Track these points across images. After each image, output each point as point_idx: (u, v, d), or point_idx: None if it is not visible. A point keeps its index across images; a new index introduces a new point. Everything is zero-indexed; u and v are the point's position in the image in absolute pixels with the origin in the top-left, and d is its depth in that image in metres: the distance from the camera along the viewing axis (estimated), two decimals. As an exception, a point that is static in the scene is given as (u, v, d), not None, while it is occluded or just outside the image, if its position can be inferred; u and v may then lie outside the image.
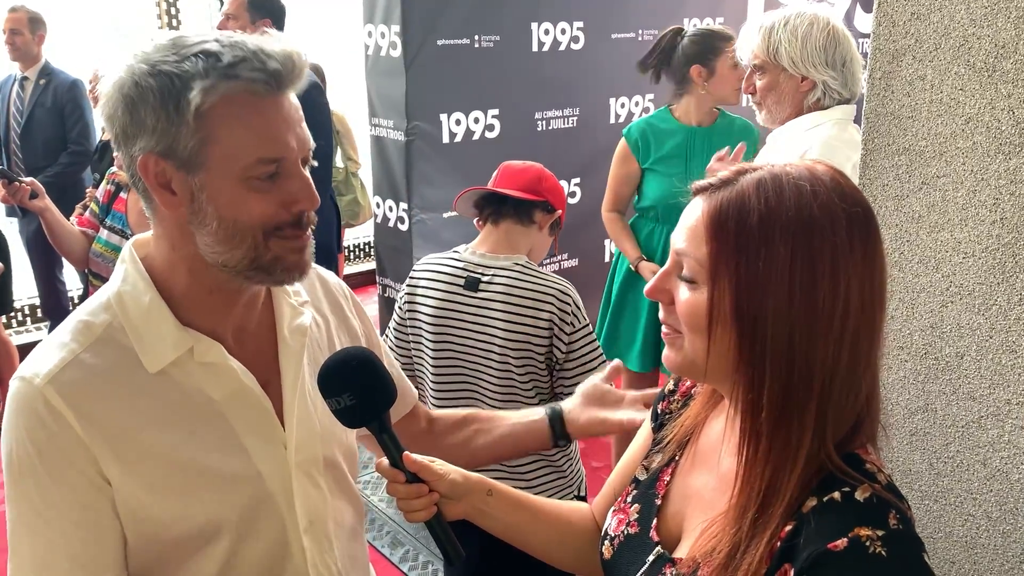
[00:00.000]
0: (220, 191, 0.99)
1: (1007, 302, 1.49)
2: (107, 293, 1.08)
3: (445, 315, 2.04)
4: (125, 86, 0.97)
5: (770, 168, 0.91)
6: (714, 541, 0.90)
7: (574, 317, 1.96)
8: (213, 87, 0.94)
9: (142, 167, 0.99)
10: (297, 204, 1.02)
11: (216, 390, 1.07)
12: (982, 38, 1.46)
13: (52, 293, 4.89)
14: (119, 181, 2.66)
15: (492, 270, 2.01)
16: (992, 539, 1.58)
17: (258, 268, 1.03)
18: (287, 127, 1.00)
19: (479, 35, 4.03)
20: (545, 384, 2.01)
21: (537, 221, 2.07)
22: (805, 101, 2.20)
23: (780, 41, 2.16)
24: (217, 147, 0.97)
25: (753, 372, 0.88)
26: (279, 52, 0.98)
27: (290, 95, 1.01)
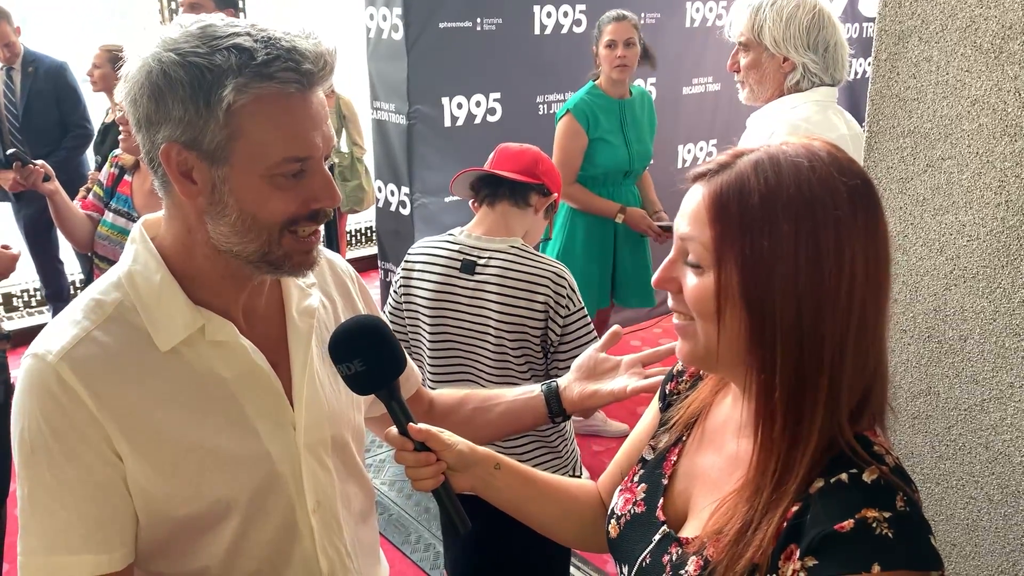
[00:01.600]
0: (243, 186, 0.98)
1: (1011, 285, 1.49)
2: (118, 272, 1.08)
3: (442, 298, 2.04)
4: (153, 73, 0.95)
5: (766, 148, 0.91)
6: (725, 519, 0.91)
7: (569, 300, 1.96)
8: (246, 86, 0.93)
9: (164, 155, 0.98)
10: (317, 202, 1.02)
11: (227, 369, 1.07)
12: (989, 19, 1.45)
13: (53, 276, 4.90)
14: (123, 164, 2.66)
15: (488, 253, 2.01)
16: (993, 521, 1.59)
17: (267, 262, 1.03)
18: (314, 125, 0.99)
19: (481, 18, 4.01)
20: (540, 366, 2.02)
21: (533, 204, 2.08)
22: (785, 82, 2.21)
23: (765, 20, 2.17)
24: (244, 143, 0.96)
25: (764, 352, 0.88)
26: (312, 51, 0.97)
27: (318, 92, 1.01)
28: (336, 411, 1.19)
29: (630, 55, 3.38)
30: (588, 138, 3.38)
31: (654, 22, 4.64)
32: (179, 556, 1.09)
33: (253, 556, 1.12)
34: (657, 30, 4.65)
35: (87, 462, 0.99)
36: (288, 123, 0.97)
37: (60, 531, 0.99)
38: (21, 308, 5.53)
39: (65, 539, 0.99)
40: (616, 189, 3.49)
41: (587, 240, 3.48)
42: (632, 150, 3.45)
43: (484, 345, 2.02)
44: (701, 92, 5.06)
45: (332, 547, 1.18)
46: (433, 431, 1.10)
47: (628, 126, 3.48)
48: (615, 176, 3.47)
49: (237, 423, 1.08)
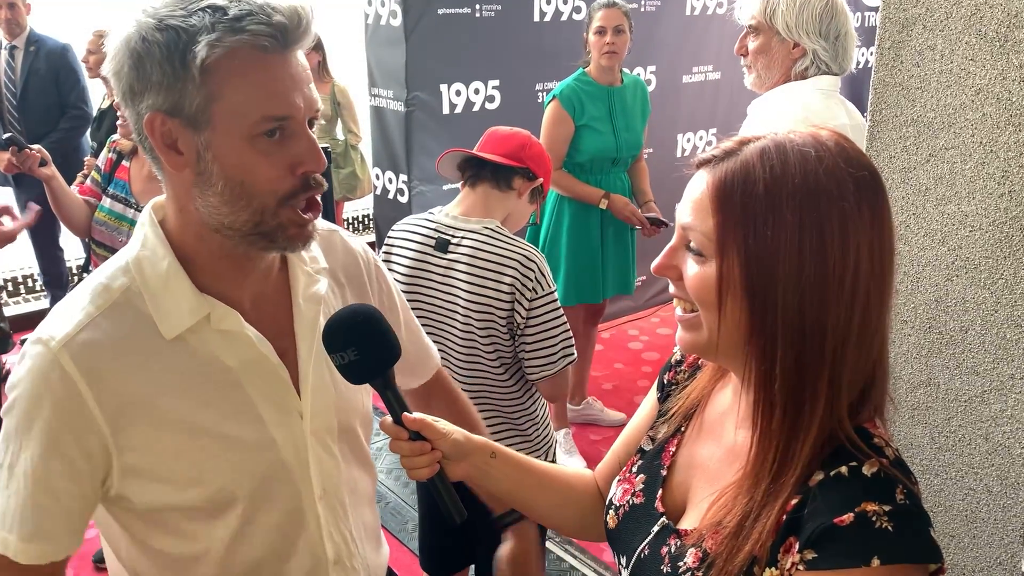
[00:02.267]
0: (226, 151, 0.97)
1: (1013, 276, 1.48)
2: (126, 257, 1.07)
3: (416, 275, 2.06)
4: (132, 40, 0.95)
5: (773, 136, 0.90)
6: (722, 512, 0.90)
7: (537, 283, 1.95)
8: (219, 40, 0.92)
9: (148, 125, 0.97)
10: (303, 166, 1.00)
11: (232, 358, 1.06)
12: (995, 7, 1.44)
13: (53, 262, 4.89)
14: (120, 149, 2.64)
15: (462, 232, 2.02)
16: (992, 513, 1.59)
17: (260, 233, 1.01)
18: (294, 85, 0.98)
19: (480, 4, 3.98)
20: (508, 349, 2.02)
21: (516, 187, 2.07)
22: (794, 68, 2.20)
23: (779, 4, 2.15)
24: (223, 104, 0.95)
25: (765, 343, 0.87)
26: (286, 7, 0.95)
27: (297, 53, 1.00)
28: (343, 397, 1.18)
29: (619, 42, 3.34)
30: (575, 125, 3.36)
31: (654, 10, 4.61)
32: (182, 539, 1.09)
33: (257, 542, 1.11)
34: (657, 18, 4.63)
35: (69, 456, 0.99)
36: (265, 81, 0.96)
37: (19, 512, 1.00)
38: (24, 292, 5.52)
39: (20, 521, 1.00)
40: (603, 177, 3.47)
41: (572, 229, 3.47)
42: (620, 138, 3.43)
43: (453, 324, 2.04)
44: (701, 81, 5.03)
45: (338, 533, 1.18)
46: (428, 420, 1.09)
47: (616, 114, 3.44)
48: (602, 163, 3.45)
49: (242, 410, 1.07)
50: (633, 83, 3.55)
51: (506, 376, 2.06)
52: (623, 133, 3.44)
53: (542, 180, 2.11)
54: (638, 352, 4.70)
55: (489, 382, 2.07)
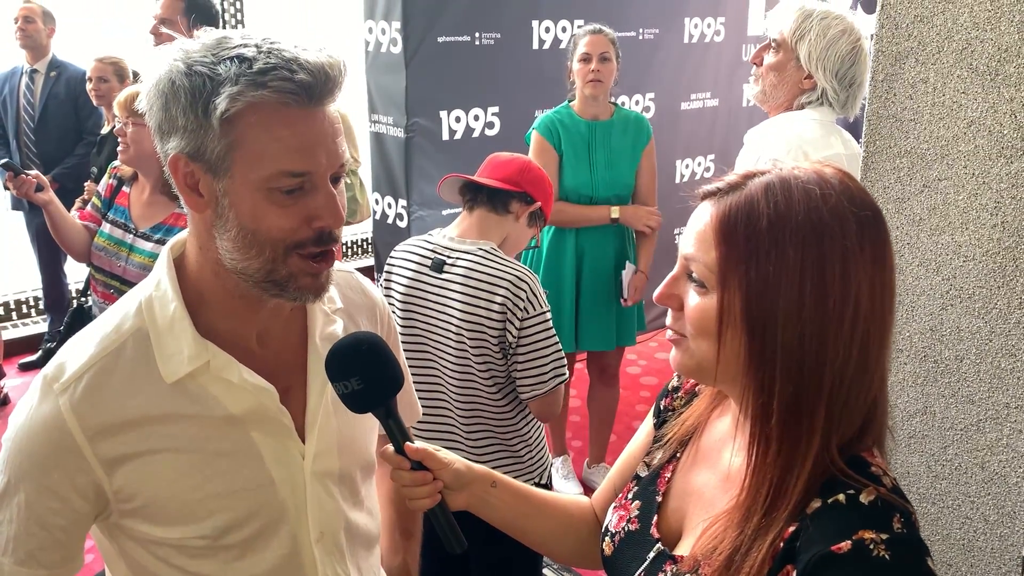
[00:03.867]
0: (242, 199, 0.96)
1: (1007, 306, 1.49)
2: (140, 297, 1.08)
3: (412, 295, 2.10)
4: (162, 82, 0.96)
5: (778, 172, 0.91)
6: (716, 540, 0.90)
7: (528, 303, 1.97)
8: (240, 94, 0.92)
9: (172, 166, 0.98)
10: (319, 220, 0.98)
11: (234, 405, 1.06)
12: (985, 41, 1.46)
13: (55, 286, 4.91)
14: (121, 175, 2.65)
15: (457, 253, 2.06)
16: (990, 542, 1.59)
17: (272, 282, 1.01)
18: (316, 141, 0.97)
19: (479, 32, 4.02)
20: (501, 369, 2.04)
21: (513, 211, 2.09)
22: (798, 98, 2.19)
23: (808, 31, 2.13)
24: (242, 154, 0.94)
25: (764, 376, 0.88)
26: (314, 63, 0.94)
27: (325, 108, 0.97)
28: (348, 439, 1.18)
29: (604, 70, 3.15)
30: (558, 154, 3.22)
31: (652, 38, 4.66)
32: (178, 572, 1.08)
33: None
34: (656, 46, 4.67)
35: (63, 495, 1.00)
36: (286, 136, 0.95)
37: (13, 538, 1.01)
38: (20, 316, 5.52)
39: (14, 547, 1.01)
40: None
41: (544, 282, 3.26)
42: (596, 175, 3.23)
43: (447, 344, 2.06)
44: (699, 108, 5.08)
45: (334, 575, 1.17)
46: (429, 450, 1.09)
47: (596, 149, 3.22)
48: (579, 201, 3.24)
49: (241, 449, 1.07)
50: (625, 120, 3.30)
51: (499, 396, 2.07)
52: (601, 170, 3.23)
53: (540, 204, 2.13)
54: (636, 376, 4.70)
55: (482, 402, 2.08)
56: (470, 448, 2.12)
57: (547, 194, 2.15)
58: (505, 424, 2.11)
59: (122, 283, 2.51)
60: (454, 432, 2.13)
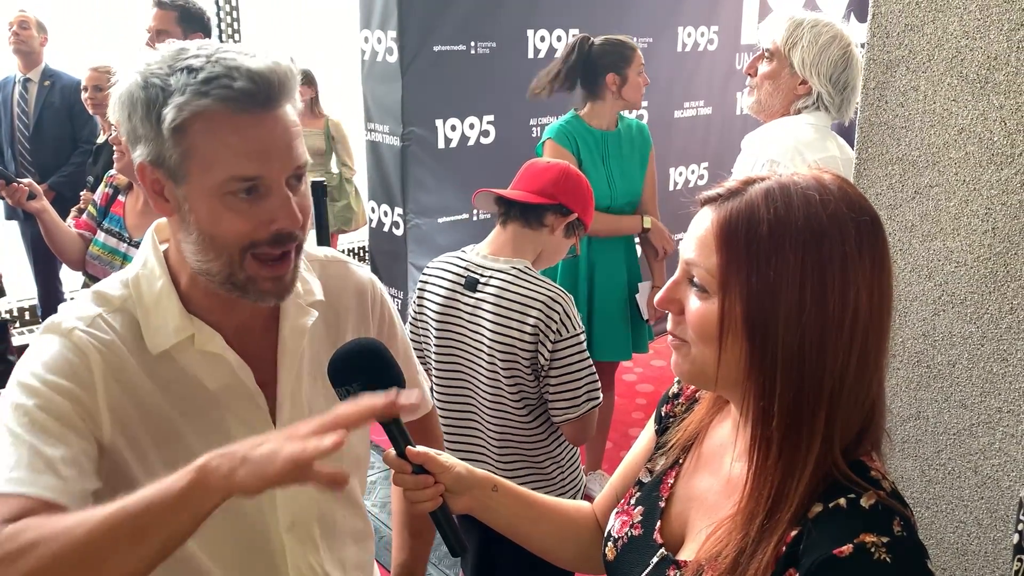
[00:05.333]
0: (200, 204, 0.99)
1: (999, 311, 1.51)
2: (127, 274, 1.11)
3: (447, 312, 2.05)
4: (123, 95, 0.99)
5: (777, 178, 0.92)
6: (720, 545, 0.91)
7: (561, 325, 1.93)
8: (185, 104, 0.95)
9: (140, 173, 1.02)
10: (275, 223, 1.00)
11: (212, 380, 1.09)
12: (975, 50, 1.48)
13: (51, 295, 4.91)
14: (117, 184, 2.66)
15: (490, 272, 2.01)
16: (983, 546, 1.60)
17: (232, 284, 1.04)
18: (267, 145, 0.98)
19: (475, 41, 4.04)
20: (532, 390, 2.00)
21: (548, 224, 2.03)
22: (794, 104, 2.23)
23: (801, 38, 2.18)
24: (196, 161, 0.97)
25: (764, 380, 0.89)
26: (255, 70, 0.96)
27: (277, 111, 0.99)
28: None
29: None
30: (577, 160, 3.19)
31: (646, 46, 4.68)
32: None
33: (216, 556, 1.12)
34: (650, 54, 4.69)
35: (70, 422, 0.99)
36: (236, 142, 0.97)
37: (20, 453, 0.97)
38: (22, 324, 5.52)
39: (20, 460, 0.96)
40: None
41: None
42: (614, 186, 3.25)
43: (479, 363, 2.02)
44: (693, 116, 5.10)
45: (307, 566, 1.19)
46: (431, 453, 1.10)
47: (610, 159, 3.26)
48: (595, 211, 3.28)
49: (215, 430, 1.09)
50: (629, 128, 3.35)
51: (530, 418, 2.04)
52: (617, 180, 3.27)
53: (577, 214, 2.05)
54: (632, 384, 4.71)
55: (512, 423, 2.04)
56: (499, 467, 2.08)
57: (585, 201, 2.08)
58: (535, 445, 2.07)
59: (118, 291, 2.51)
60: (485, 451, 2.10)
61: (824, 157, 2.09)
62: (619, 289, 3.35)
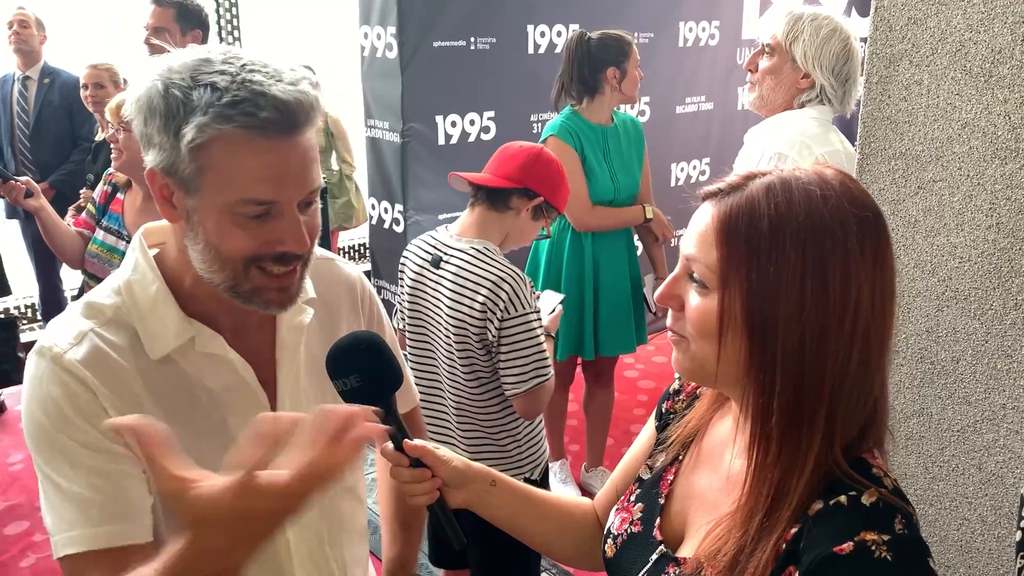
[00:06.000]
0: (208, 217, 0.99)
1: (1003, 307, 1.50)
2: (117, 281, 1.10)
3: (416, 288, 2.17)
4: (142, 98, 0.98)
5: (779, 173, 0.91)
6: (720, 542, 0.91)
7: (509, 303, 1.99)
8: (207, 126, 0.94)
9: (149, 178, 1.02)
10: (282, 245, 1.01)
11: (214, 381, 1.09)
12: (979, 43, 1.47)
13: (52, 293, 4.91)
14: (116, 182, 2.65)
15: (453, 251, 2.09)
16: (987, 543, 1.59)
17: (237, 294, 1.05)
18: (285, 172, 0.99)
19: (475, 37, 4.02)
20: (485, 366, 2.07)
21: (514, 207, 2.09)
22: (797, 98, 2.23)
23: (802, 32, 2.19)
24: (211, 178, 0.97)
25: (764, 377, 0.88)
26: (281, 99, 0.96)
27: (298, 138, 0.99)
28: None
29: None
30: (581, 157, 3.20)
31: (647, 42, 4.67)
32: None
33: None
34: (651, 50, 4.68)
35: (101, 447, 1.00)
36: (254, 167, 0.97)
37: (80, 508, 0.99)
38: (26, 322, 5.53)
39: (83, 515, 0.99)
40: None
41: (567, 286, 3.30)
42: (617, 180, 3.26)
43: (440, 337, 2.12)
44: (694, 111, 5.08)
45: (312, 563, 1.19)
46: (429, 447, 1.09)
47: (611, 154, 3.26)
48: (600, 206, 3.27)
49: (218, 434, 1.09)
50: (623, 123, 3.36)
51: (482, 391, 2.11)
52: (619, 175, 3.28)
53: (544, 198, 2.11)
54: (633, 380, 4.70)
55: (467, 397, 2.12)
56: (461, 441, 2.17)
57: (554, 185, 2.13)
58: (491, 419, 2.15)
59: (116, 289, 2.50)
60: (447, 425, 2.19)
61: (830, 150, 2.10)
62: (623, 283, 3.37)
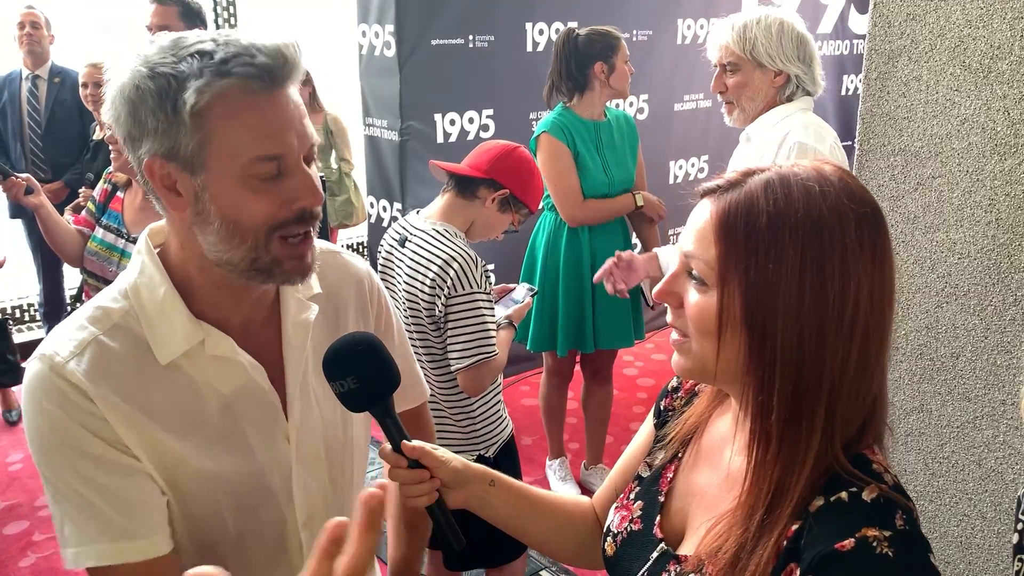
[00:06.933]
0: (221, 192, 0.98)
1: (1002, 303, 1.49)
2: (124, 283, 1.09)
3: (386, 266, 2.31)
4: (126, 89, 0.97)
5: (777, 169, 0.91)
6: (720, 540, 0.90)
7: (456, 281, 2.07)
8: (207, 85, 0.94)
9: (148, 170, 1.00)
10: (299, 201, 1.00)
11: (224, 384, 1.08)
12: (977, 39, 1.46)
13: (55, 292, 4.90)
14: (115, 181, 2.65)
15: (417, 231, 2.20)
16: (987, 539, 1.59)
17: (258, 269, 1.03)
18: (286, 123, 0.99)
19: (473, 35, 4.02)
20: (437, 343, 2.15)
21: (480, 196, 2.18)
22: (778, 95, 2.27)
23: (756, 38, 2.23)
24: (216, 146, 0.96)
25: (763, 374, 0.87)
26: (270, 47, 0.97)
27: (288, 90, 0.99)
28: (331, 424, 1.19)
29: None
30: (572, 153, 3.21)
31: (646, 39, 4.67)
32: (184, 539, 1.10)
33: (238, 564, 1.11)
34: (649, 47, 4.68)
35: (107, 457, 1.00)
36: (256, 122, 0.97)
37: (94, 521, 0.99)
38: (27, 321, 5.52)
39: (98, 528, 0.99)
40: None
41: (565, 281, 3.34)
42: (610, 174, 3.27)
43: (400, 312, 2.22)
44: (692, 108, 5.08)
45: None
46: (427, 448, 1.09)
47: (604, 148, 3.30)
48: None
49: (230, 435, 1.08)
50: (616, 118, 3.38)
51: (436, 367, 2.20)
52: (613, 168, 3.29)
53: (510, 191, 2.19)
54: (633, 378, 4.70)
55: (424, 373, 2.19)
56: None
57: (523, 181, 2.21)
58: (446, 397, 2.24)
59: (116, 288, 2.51)
60: None
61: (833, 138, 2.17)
62: None
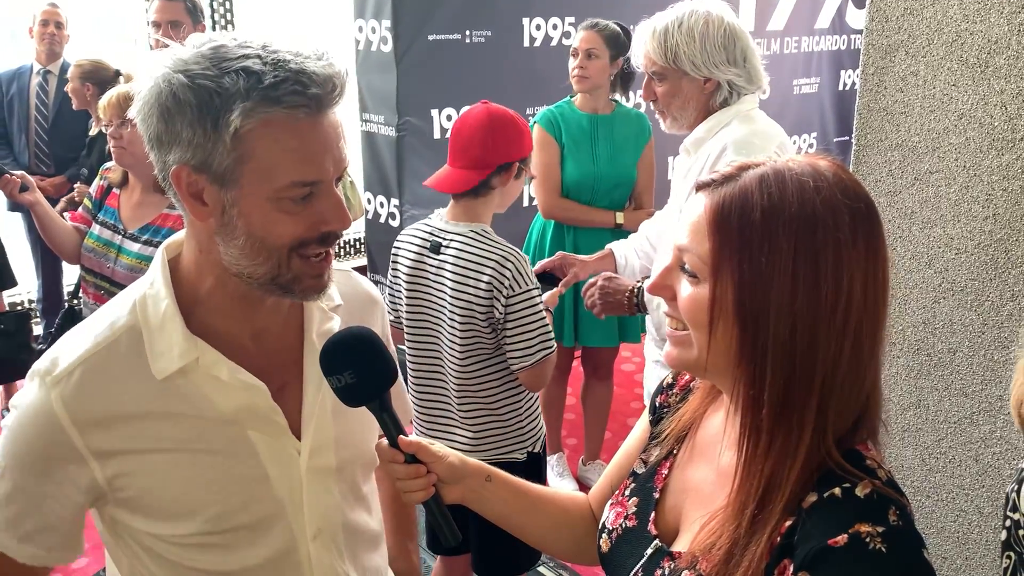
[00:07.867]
0: (251, 209, 0.97)
1: (999, 298, 1.49)
2: (134, 296, 1.08)
3: (415, 275, 2.23)
4: (163, 95, 0.95)
5: (772, 163, 0.91)
6: (714, 536, 0.90)
7: (513, 282, 2.07)
8: (253, 111, 0.92)
9: (175, 177, 0.98)
10: (327, 225, 1.00)
11: (225, 402, 1.06)
12: (975, 34, 1.46)
13: (54, 287, 4.90)
14: (109, 179, 2.64)
15: (451, 235, 2.17)
16: (984, 534, 1.59)
17: (277, 285, 1.02)
18: (324, 149, 0.98)
19: (470, 30, 4.01)
20: (489, 344, 2.13)
21: (495, 186, 2.15)
22: (711, 102, 2.08)
23: (678, 45, 2.04)
24: (252, 166, 0.95)
25: (755, 368, 0.87)
26: (321, 74, 0.95)
27: (330, 115, 0.98)
28: (347, 437, 1.18)
29: (590, 67, 3.15)
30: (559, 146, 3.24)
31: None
32: (171, 568, 1.09)
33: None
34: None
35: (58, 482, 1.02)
36: (297, 147, 0.96)
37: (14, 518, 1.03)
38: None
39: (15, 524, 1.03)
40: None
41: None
42: (599, 167, 3.24)
43: (443, 319, 2.19)
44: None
45: (333, 574, 1.17)
46: (423, 443, 1.09)
47: (599, 141, 3.25)
48: (580, 193, 3.27)
49: (237, 445, 1.07)
50: (626, 115, 3.35)
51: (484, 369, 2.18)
52: (603, 162, 3.26)
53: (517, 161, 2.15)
54: (630, 374, 4.70)
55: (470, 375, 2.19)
56: (463, 422, 2.21)
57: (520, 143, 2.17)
58: (494, 396, 2.22)
59: (111, 284, 2.50)
60: (449, 408, 2.23)
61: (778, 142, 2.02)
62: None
